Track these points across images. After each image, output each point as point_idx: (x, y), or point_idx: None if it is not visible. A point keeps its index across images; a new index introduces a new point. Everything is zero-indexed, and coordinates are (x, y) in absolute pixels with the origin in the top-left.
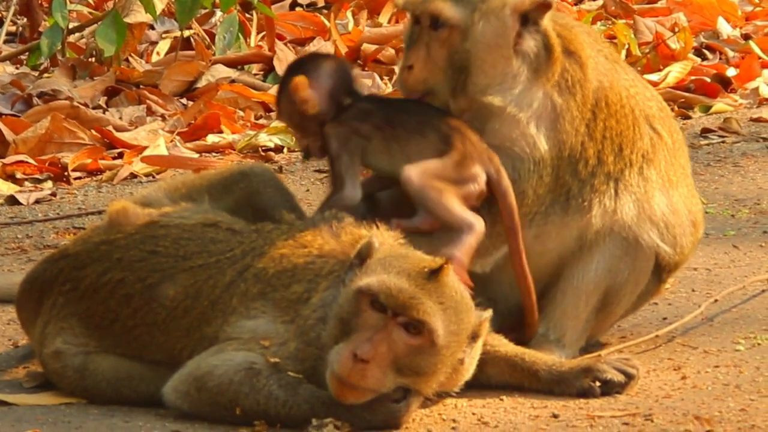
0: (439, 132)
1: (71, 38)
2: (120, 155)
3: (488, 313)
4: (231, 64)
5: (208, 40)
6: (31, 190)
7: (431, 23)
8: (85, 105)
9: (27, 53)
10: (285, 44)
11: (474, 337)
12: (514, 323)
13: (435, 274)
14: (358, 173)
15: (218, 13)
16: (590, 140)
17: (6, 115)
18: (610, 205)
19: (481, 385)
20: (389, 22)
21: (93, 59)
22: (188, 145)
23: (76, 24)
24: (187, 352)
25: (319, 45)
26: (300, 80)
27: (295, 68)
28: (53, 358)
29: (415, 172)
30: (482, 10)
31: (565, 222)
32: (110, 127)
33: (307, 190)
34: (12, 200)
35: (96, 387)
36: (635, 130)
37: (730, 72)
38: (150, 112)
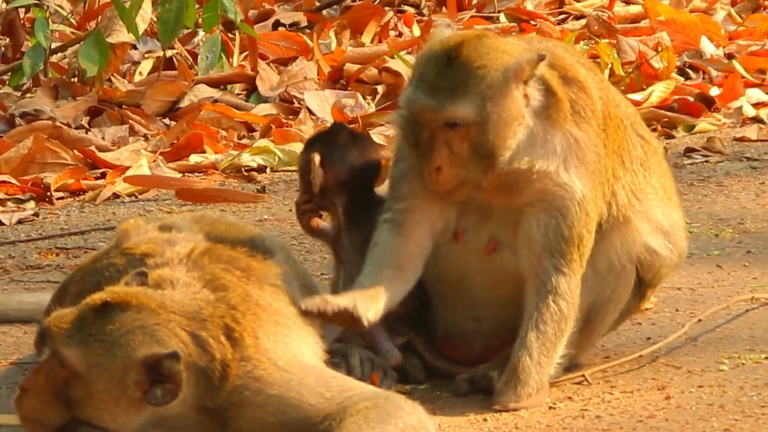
0: None
1: (54, 58)
2: (103, 175)
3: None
4: (214, 83)
5: (191, 59)
6: (13, 211)
7: (446, 124)
8: (68, 125)
9: (9, 73)
10: (268, 64)
11: (153, 374)
12: (500, 342)
13: (101, 307)
14: None
15: (201, 33)
16: (608, 158)
17: None
18: (641, 210)
19: None
20: (372, 41)
21: (75, 79)
22: (171, 165)
23: (58, 44)
24: None
25: (302, 65)
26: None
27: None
28: None
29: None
30: (491, 96)
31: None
32: (93, 147)
33: (290, 210)
34: None
35: None
36: (628, 141)
37: (714, 91)
38: (133, 132)
